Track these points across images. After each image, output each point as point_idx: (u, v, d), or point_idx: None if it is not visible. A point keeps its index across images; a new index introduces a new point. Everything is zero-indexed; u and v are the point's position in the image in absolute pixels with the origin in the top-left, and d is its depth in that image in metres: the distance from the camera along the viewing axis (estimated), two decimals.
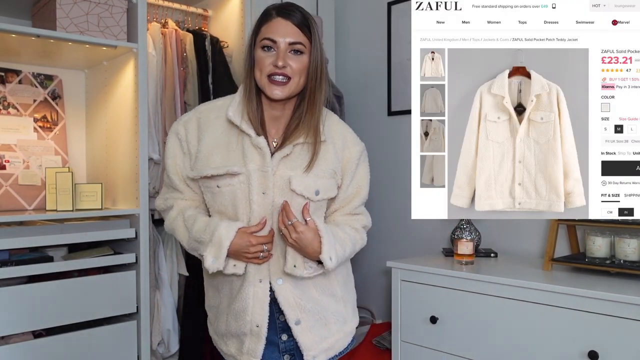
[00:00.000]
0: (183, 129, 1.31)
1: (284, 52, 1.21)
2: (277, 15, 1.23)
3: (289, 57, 1.22)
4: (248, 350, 1.29)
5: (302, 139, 1.27)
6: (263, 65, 1.23)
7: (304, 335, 1.30)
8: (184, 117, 1.34)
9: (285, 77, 1.22)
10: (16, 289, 1.73)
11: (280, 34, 1.21)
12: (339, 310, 1.36)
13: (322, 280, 1.33)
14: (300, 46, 1.22)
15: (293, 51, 1.22)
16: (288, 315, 1.28)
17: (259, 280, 1.27)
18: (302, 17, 1.24)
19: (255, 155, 1.24)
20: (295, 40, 1.22)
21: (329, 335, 1.34)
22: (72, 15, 1.86)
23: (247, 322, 1.28)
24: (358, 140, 1.38)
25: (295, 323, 1.28)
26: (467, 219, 2.20)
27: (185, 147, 1.31)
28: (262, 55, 1.23)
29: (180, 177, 1.32)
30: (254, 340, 1.29)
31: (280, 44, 1.21)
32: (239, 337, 1.31)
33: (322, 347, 1.33)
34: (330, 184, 1.30)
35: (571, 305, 1.61)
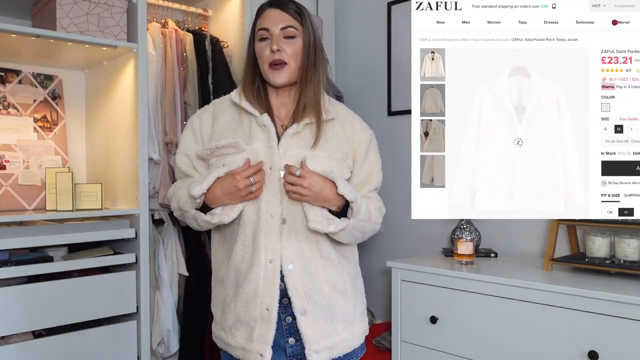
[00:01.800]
0: (198, 119, 1.39)
1: (277, 38, 1.29)
2: (268, 7, 1.32)
3: (283, 42, 1.30)
4: (259, 337, 1.27)
5: (311, 119, 1.32)
6: (263, 56, 1.31)
7: (309, 328, 1.27)
8: (200, 110, 1.42)
9: (281, 63, 1.30)
10: (16, 289, 1.73)
11: (272, 22, 1.30)
12: (347, 310, 1.35)
13: (333, 273, 1.32)
14: (292, 30, 1.30)
15: (286, 37, 1.30)
16: (295, 303, 1.26)
17: (270, 260, 1.26)
18: (292, 4, 1.32)
19: (261, 133, 1.29)
20: (286, 24, 1.29)
21: (334, 333, 1.32)
22: (72, 15, 1.86)
23: (258, 305, 1.26)
24: (367, 127, 1.43)
25: (301, 313, 1.27)
26: (467, 219, 2.20)
27: (199, 136, 1.36)
28: (260, 46, 1.32)
29: (191, 165, 1.37)
30: (265, 325, 1.26)
31: (274, 30, 1.29)
32: (248, 323, 1.28)
33: (326, 344, 1.30)
34: (343, 166, 1.33)
35: (571, 305, 1.61)
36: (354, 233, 1.31)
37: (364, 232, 1.34)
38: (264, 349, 1.26)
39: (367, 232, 1.36)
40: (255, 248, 1.26)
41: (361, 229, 1.32)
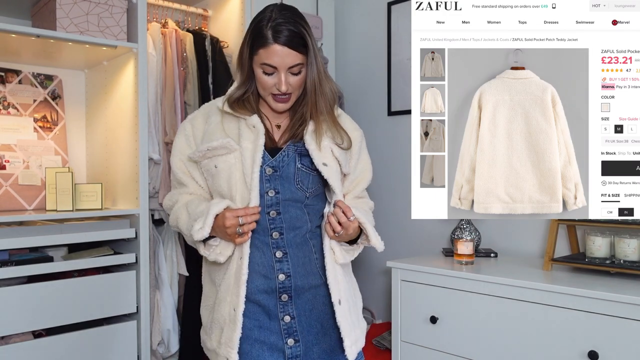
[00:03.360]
0: (190, 125, 1.37)
1: (285, 77, 1.26)
2: (274, 42, 1.22)
3: (289, 77, 1.27)
4: (226, 340, 1.25)
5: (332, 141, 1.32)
6: (266, 86, 1.28)
7: (344, 318, 1.28)
8: (191, 116, 1.40)
9: (287, 95, 1.29)
10: (16, 289, 1.73)
11: (280, 62, 1.24)
12: (357, 305, 1.40)
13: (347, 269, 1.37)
14: (300, 66, 1.26)
15: (293, 73, 1.27)
16: (332, 292, 1.27)
17: (240, 258, 1.26)
18: (295, 35, 1.23)
19: (250, 133, 1.28)
20: (294, 63, 1.25)
21: (357, 324, 1.35)
22: (72, 15, 1.86)
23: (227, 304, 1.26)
24: (357, 126, 1.43)
25: (338, 302, 1.27)
26: (467, 219, 2.20)
27: (192, 142, 1.35)
28: (265, 78, 1.27)
29: (186, 171, 1.36)
30: (231, 327, 1.24)
31: (281, 70, 1.25)
32: (220, 325, 1.28)
33: (355, 336, 1.32)
34: (346, 155, 1.35)
35: (571, 305, 1.60)
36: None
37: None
38: (229, 353, 1.24)
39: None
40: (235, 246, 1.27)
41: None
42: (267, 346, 1.26)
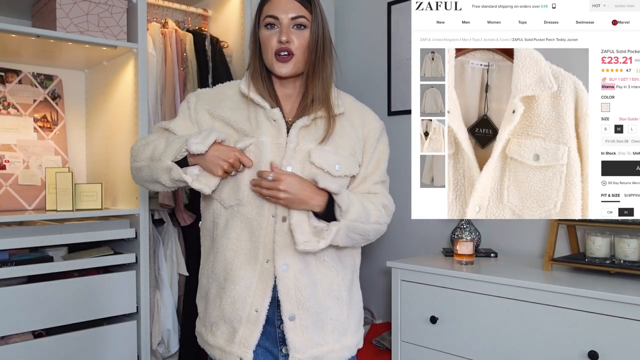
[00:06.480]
0: (194, 97, 1.32)
1: (287, 28, 1.22)
2: None
3: (292, 32, 1.23)
4: (241, 339, 1.21)
5: (320, 113, 1.27)
6: (269, 44, 1.24)
7: (295, 335, 1.21)
8: (200, 89, 1.36)
9: (288, 53, 1.23)
10: (16, 289, 1.73)
11: (282, 10, 1.22)
12: (340, 318, 1.28)
13: (328, 277, 1.26)
14: (303, 20, 1.23)
15: (296, 26, 1.23)
16: (284, 307, 1.20)
17: (267, 260, 1.21)
18: None
19: (270, 127, 1.24)
20: (297, 14, 1.22)
21: (322, 342, 1.24)
22: (72, 15, 1.86)
23: (247, 305, 1.20)
24: (377, 118, 1.39)
25: (289, 318, 1.20)
26: (467, 219, 2.20)
27: (193, 116, 1.30)
28: (267, 33, 1.24)
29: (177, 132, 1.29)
30: (250, 327, 1.21)
31: (283, 19, 1.22)
32: (231, 323, 1.23)
33: (312, 354, 1.23)
34: (350, 161, 1.28)
35: (571, 305, 1.60)
36: (350, 235, 1.23)
37: (364, 234, 1.26)
38: (245, 353, 1.21)
39: (370, 234, 1.28)
40: (253, 245, 1.22)
41: (359, 230, 1.24)
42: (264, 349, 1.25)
